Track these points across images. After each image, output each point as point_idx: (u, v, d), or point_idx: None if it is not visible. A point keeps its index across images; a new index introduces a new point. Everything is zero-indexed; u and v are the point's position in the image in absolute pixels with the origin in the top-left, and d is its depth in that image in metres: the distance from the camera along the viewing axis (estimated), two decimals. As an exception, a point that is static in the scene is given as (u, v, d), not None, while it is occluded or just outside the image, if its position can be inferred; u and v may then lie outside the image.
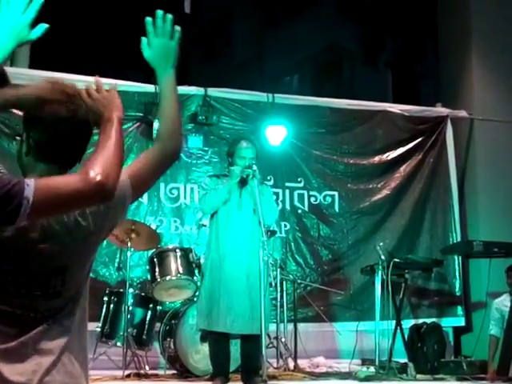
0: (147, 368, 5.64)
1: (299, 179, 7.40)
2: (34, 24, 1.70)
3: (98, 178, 1.54)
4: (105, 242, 6.41)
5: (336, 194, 7.48)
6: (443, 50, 8.64)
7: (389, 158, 7.67)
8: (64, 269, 1.71)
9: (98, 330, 5.69)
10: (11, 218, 1.46)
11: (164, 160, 1.87)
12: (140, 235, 5.83)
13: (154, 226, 6.62)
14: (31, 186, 1.47)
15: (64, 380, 1.69)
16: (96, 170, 1.55)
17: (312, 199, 7.41)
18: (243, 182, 4.98)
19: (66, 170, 1.76)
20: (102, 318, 5.74)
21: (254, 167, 4.87)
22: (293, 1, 17.52)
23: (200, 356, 5.52)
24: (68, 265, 1.72)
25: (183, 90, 7.21)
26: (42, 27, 1.72)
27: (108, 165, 1.58)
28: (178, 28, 1.92)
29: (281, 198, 7.25)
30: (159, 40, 1.89)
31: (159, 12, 1.90)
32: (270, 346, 5.99)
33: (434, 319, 7.13)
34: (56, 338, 1.71)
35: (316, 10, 17.27)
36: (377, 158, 7.65)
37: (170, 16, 1.90)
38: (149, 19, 1.90)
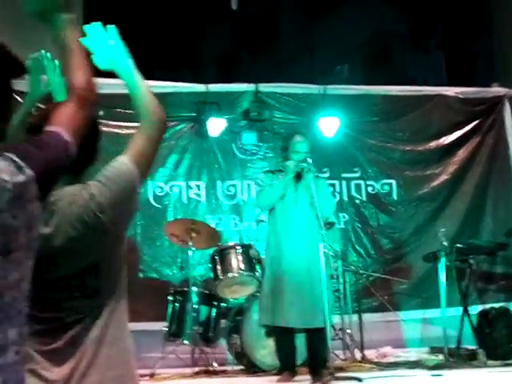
0: (215, 365, 5.71)
1: (355, 169, 7.35)
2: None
3: (88, 94, 1.65)
4: (166, 242, 6.53)
5: (393, 182, 7.40)
6: (497, 28, 8.42)
7: (445, 142, 7.54)
8: (96, 266, 1.77)
9: (165, 329, 5.80)
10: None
11: (157, 133, 1.92)
12: (200, 234, 5.91)
13: (213, 224, 6.69)
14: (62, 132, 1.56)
15: (106, 375, 1.74)
16: (86, 86, 1.64)
17: (369, 189, 7.35)
18: (298, 177, 4.98)
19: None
20: (168, 318, 5.84)
21: (309, 161, 4.86)
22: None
23: (266, 351, 5.55)
24: (99, 261, 1.77)
25: (234, 87, 7.26)
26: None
27: (90, 78, 1.67)
28: (111, 27, 1.96)
29: (338, 189, 7.22)
30: (103, 46, 1.94)
31: (87, 27, 1.94)
32: (336, 338, 5.98)
33: (501, 304, 6.97)
34: (94, 334, 1.76)
35: (362, -3, 17.06)
36: (433, 144, 7.53)
37: (98, 24, 1.95)
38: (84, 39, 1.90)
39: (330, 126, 7.00)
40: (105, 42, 1.95)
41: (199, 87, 7.02)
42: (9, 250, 1.37)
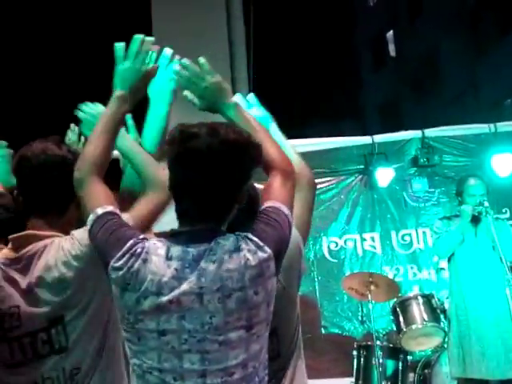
0: (407, 420, 5.55)
1: (539, 206, 6.93)
2: None
3: (291, 168, 1.77)
4: (345, 297, 6.53)
5: None
6: None
7: None
8: (274, 330, 1.79)
9: (352, 384, 5.75)
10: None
11: (310, 196, 1.97)
12: (379, 286, 5.84)
13: (391, 276, 6.61)
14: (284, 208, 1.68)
15: None
16: (286, 161, 1.77)
17: (558, 226, 6.88)
18: (476, 220, 4.82)
19: None
20: (354, 373, 5.78)
21: (486, 203, 4.70)
22: (503, 19, 16.85)
23: (461, 404, 5.30)
24: (277, 326, 1.80)
25: (400, 136, 7.20)
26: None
27: (282, 151, 1.81)
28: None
29: (521, 229, 6.83)
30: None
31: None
32: (536, 388, 5.58)
33: None
34: None
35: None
36: None
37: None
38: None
39: (504, 164, 6.69)
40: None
41: (365, 139, 7.04)
42: (251, 325, 1.50)
